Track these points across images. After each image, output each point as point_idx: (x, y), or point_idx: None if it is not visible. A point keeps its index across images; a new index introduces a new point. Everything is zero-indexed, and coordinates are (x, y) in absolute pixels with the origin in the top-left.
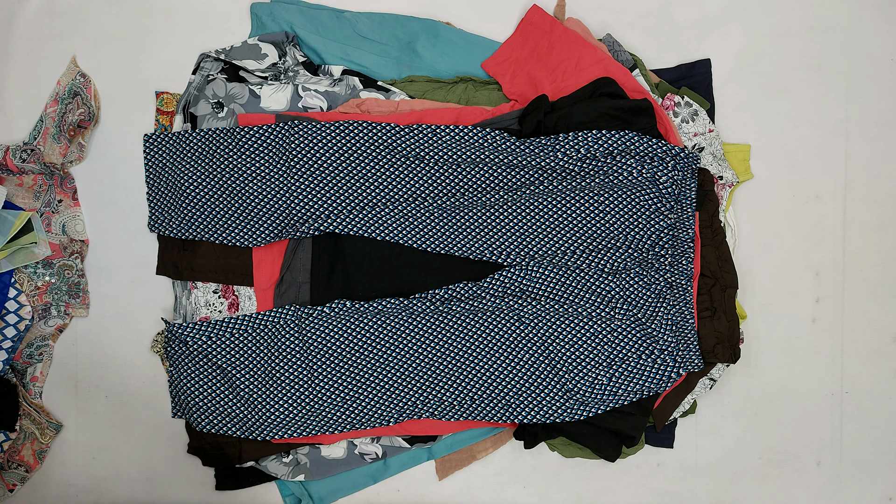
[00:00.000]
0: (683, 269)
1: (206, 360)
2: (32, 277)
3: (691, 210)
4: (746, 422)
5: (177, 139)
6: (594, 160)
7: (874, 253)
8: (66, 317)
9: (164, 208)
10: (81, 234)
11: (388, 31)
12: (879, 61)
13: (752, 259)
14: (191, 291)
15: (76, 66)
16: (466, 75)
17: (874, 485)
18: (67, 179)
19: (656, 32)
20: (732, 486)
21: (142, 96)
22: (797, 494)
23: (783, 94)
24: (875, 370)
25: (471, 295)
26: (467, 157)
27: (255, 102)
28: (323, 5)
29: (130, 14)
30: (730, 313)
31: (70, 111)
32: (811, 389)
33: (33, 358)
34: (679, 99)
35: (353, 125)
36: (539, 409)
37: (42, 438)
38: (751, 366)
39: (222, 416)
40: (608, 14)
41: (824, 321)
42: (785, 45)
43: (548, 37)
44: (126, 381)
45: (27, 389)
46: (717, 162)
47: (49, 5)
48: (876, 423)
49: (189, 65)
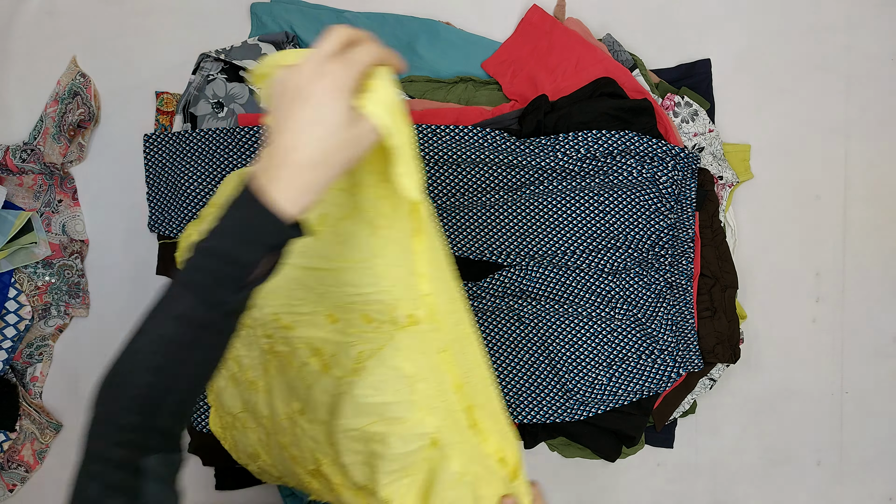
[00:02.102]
0: (683, 269)
1: None
2: (32, 277)
3: (691, 210)
4: (746, 422)
5: (177, 139)
6: (594, 160)
7: (874, 253)
8: (66, 317)
9: (164, 208)
10: (81, 234)
11: (388, 30)
12: (879, 61)
13: (752, 259)
14: None
15: (76, 66)
16: (466, 75)
17: (874, 485)
18: (67, 179)
19: (656, 32)
20: (732, 486)
21: (142, 96)
22: (797, 494)
23: (783, 94)
24: (875, 370)
25: (471, 295)
26: (467, 157)
27: (255, 102)
28: (323, 5)
29: (130, 14)
30: (730, 313)
31: (70, 111)
32: (811, 389)
33: (33, 358)
34: (679, 99)
35: None
36: (539, 409)
37: (42, 438)
38: (751, 366)
39: None
40: (608, 14)
41: (824, 321)
42: (785, 45)
43: (548, 37)
44: None
45: (27, 389)
46: (717, 162)
47: (49, 5)
48: (876, 423)
49: (189, 65)
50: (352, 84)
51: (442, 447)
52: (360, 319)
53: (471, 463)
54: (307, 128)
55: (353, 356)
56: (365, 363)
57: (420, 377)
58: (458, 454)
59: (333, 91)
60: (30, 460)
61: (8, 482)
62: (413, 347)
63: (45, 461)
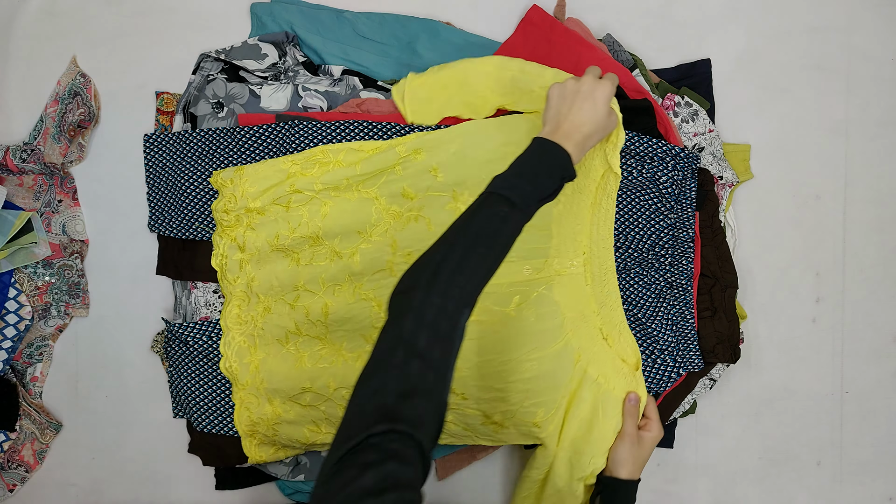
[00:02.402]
0: (683, 269)
1: (207, 360)
2: (32, 277)
3: (691, 210)
4: (746, 422)
5: (177, 139)
6: None
7: (874, 253)
8: (66, 317)
9: (164, 208)
10: (81, 234)
11: (388, 31)
12: (879, 61)
13: (752, 259)
14: (191, 291)
15: (76, 66)
16: None
17: (874, 485)
18: (67, 179)
19: (656, 32)
20: (732, 486)
21: (142, 96)
22: (797, 494)
23: (783, 94)
24: (875, 370)
25: None
26: None
27: (255, 102)
28: (323, 5)
29: (130, 14)
30: (730, 313)
31: (70, 111)
32: (811, 389)
33: (33, 358)
34: (679, 99)
35: (353, 125)
36: None
37: (42, 438)
38: (751, 366)
39: (222, 416)
40: (608, 14)
41: (824, 321)
42: (785, 45)
43: (548, 37)
44: (126, 381)
45: (27, 389)
46: (717, 162)
47: (49, 5)
48: (876, 423)
49: (189, 65)
50: (611, 94)
51: (583, 359)
52: (522, 271)
53: (603, 366)
54: (589, 115)
55: (514, 302)
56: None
57: (567, 304)
58: (594, 361)
59: (605, 97)
60: (30, 460)
61: (8, 482)
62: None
63: (45, 461)
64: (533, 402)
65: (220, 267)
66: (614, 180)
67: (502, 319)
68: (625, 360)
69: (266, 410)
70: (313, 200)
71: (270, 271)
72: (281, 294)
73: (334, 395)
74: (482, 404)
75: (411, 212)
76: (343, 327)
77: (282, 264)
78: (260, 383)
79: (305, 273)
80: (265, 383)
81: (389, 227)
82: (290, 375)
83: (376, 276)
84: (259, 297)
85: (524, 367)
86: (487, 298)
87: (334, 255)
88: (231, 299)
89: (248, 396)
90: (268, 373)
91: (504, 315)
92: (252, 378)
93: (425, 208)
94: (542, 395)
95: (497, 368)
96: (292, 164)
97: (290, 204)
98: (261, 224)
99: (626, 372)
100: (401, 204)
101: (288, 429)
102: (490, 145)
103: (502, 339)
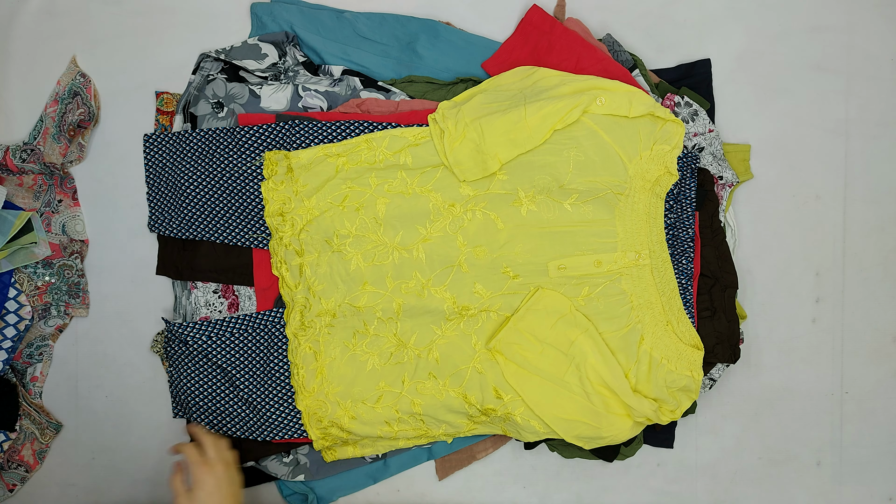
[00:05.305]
0: (683, 268)
1: (207, 360)
2: (32, 277)
3: (691, 210)
4: (746, 422)
5: (177, 139)
6: None
7: (874, 253)
8: (66, 317)
9: (164, 208)
10: (81, 234)
11: (388, 31)
12: (879, 61)
13: (752, 259)
14: (191, 291)
15: (76, 66)
16: (467, 76)
17: (874, 485)
18: (67, 179)
19: (656, 32)
20: (732, 486)
21: (142, 96)
22: (797, 494)
23: (783, 94)
24: (875, 370)
25: None
26: None
27: (255, 102)
28: (323, 5)
29: (130, 14)
30: (730, 313)
31: (70, 111)
32: (811, 389)
33: (33, 358)
34: (679, 99)
35: (353, 125)
36: None
37: (42, 438)
38: (751, 366)
39: (222, 416)
40: (608, 14)
41: (824, 321)
42: (785, 45)
43: (548, 37)
44: (126, 381)
45: (27, 389)
46: (717, 162)
47: (49, 5)
48: (876, 423)
49: (189, 65)
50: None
51: (647, 342)
52: (592, 264)
53: (666, 349)
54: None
55: (583, 293)
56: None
57: (635, 293)
58: (658, 345)
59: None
60: (30, 460)
61: (8, 482)
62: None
63: (45, 461)
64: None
65: (280, 274)
66: (668, 181)
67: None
68: (686, 342)
69: (338, 414)
70: (368, 196)
71: (331, 273)
72: (345, 295)
73: (407, 391)
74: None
75: (475, 206)
76: (411, 322)
77: (342, 265)
78: (328, 388)
79: (369, 272)
80: (333, 387)
81: (451, 222)
82: (358, 376)
83: (444, 270)
84: (321, 301)
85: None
86: (559, 288)
87: (396, 250)
88: (294, 306)
89: (316, 403)
90: (337, 377)
91: (574, 304)
92: (319, 385)
93: (487, 204)
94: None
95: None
96: (338, 156)
97: (345, 202)
98: (317, 226)
99: (688, 353)
100: (460, 200)
101: (362, 428)
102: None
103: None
